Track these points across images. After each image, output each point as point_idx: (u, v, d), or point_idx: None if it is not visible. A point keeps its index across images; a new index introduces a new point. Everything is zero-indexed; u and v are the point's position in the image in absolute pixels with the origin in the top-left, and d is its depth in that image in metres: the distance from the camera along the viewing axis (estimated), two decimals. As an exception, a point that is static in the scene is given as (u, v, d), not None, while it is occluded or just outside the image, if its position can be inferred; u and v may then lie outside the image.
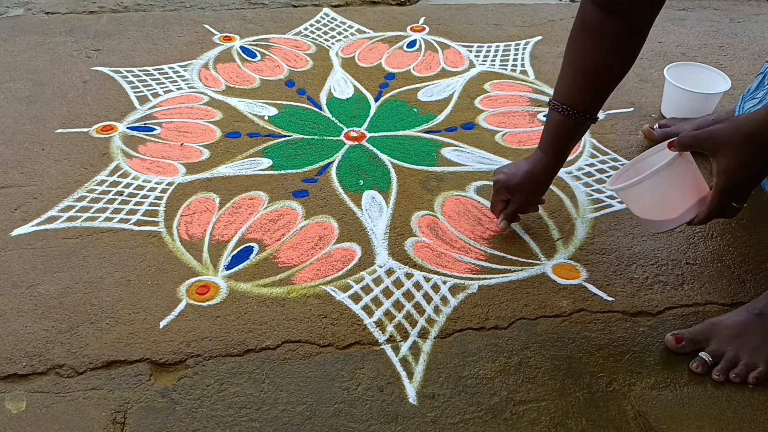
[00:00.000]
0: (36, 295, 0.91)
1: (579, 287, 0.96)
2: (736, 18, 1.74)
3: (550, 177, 1.00)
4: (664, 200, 0.83)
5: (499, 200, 1.02)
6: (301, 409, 0.79)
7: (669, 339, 0.86)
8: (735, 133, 0.74)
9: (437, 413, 0.79)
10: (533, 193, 1.01)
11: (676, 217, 0.83)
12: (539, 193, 1.02)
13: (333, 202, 1.09)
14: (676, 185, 0.81)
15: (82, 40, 1.53)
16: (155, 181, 1.12)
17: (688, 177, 0.82)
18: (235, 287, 0.94)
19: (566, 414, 0.79)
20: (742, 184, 0.76)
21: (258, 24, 1.64)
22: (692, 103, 1.29)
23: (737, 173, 0.75)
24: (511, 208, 1.01)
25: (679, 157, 0.80)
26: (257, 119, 1.29)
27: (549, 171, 0.99)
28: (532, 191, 1.00)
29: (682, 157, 0.81)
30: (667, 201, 0.82)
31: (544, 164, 0.98)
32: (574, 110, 0.92)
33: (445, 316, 0.91)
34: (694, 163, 0.82)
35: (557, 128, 0.95)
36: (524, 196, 1.00)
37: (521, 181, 0.99)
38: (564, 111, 0.93)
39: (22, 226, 1.02)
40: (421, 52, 1.54)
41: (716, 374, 0.83)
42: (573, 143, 0.98)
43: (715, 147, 0.76)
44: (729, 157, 0.75)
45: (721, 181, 0.76)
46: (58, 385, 0.80)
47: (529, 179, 0.98)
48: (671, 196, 0.82)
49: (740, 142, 0.74)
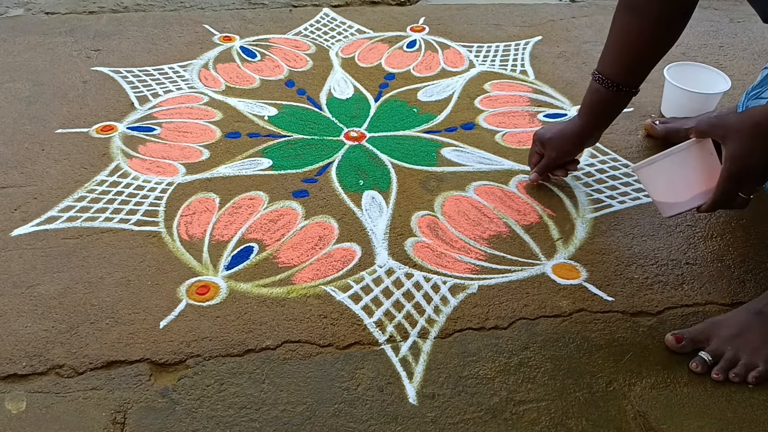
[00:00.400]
0: (36, 295, 0.91)
1: (579, 287, 0.96)
2: (736, 18, 1.74)
3: (582, 139, 1.06)
4: (676, 182, 0.86)
5: (534, 152, 1.11)
6: (301, 409, 0.79)
7: (669, 339, 0.86)
8: (745, 120, 0.76)
9: (437, 413, 0.79)
10: (563, 149, 1.07)
11: (684, 201, 0.85)
12: (569, 152, 1.08)
13: (333, 202, 1.09)
14: (690, 169, 0.84)
15: (82, 40, 1.53)
16: (155, 182, 1.12)
17: (702, 164, 0.83)
18: (235, 287, 0.94)
19: (566, 414, 0.79)
20: (749, 172, 0.77)
21: (258, 24, 1.64)
22: (692, 103, 1.28)
23: (743, 160, 0.76)
24: (543, 161, 1.09)
25: (696, 144, 0.83)
26: (257, 119, 1.29)
27: (580, 132, 1.04)
28: (562, 147, 1.07)
29: (700, 145, 0.83)
30: (679, 183, 0.85)
31: (577, 125, 1.04)
32: (610, 81, 0.97)
33: (445, 316, 0.91)
34: (714, 153, 0.83)
35: (592, 95, 1.01)
36: (554, 150, 1.07)
37: (553, 136, 1.06)
38: (600, 80, 0.98)
39: (22, 226, 1.03)
40: (421, 52, 1.54)
41: (715, 373, 0.83)
42: (610, 113, 1.03)
43: (724, 133, 0.77)
44: (736, 144, 0.76)
45: (727, 167, 0.78)
46: (58, 385, 0.80)
47: (560, 135, 1.06)
48: (683, 180, 0.85)
49: (748, 128, 0.75)
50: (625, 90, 0.98)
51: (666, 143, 1.20)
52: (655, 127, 1.25)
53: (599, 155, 1.23)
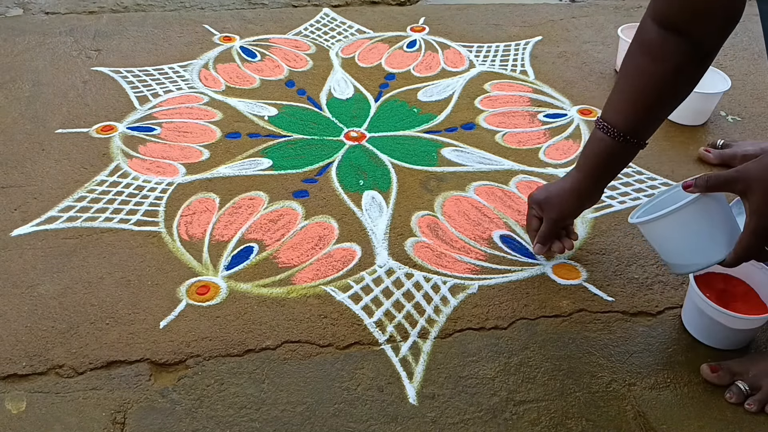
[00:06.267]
0: (36, 295, 0.91)
1: (579, 287, 0.96)
2: (736, 18, 1.74)
3: (580, 197, 0.93)
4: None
5: (531, 216, 0.99)
6: (301, 409, 0.79)
7: (704, 369, 0.83)
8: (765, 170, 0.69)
9: (437, 413, 0.79)
10: (563, 210, 0.94)
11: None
12: (568, 213, 0.95)
13: (333, 202, 1.09)
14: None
15: (82, 40, 1.53)
16: (155, 182, 1.12)
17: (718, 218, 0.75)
18: (235, 287, 0.94)
19: (566, 414, 0.79)
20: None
21: (258, 24, 1.64)
22: (692, 103, 1.28)
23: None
24: (544, 227, 0.96)
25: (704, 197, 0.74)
26: (257, 119, 1.29)
27: (578, 189, 0.92)
28: (562, 208, 0.94)
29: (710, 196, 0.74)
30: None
31: (576, 179, 0.92)
32: (617, 130, 0.85)
33: (445, 316, 0.91)
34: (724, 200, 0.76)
35: (593, 144, 0.88)
36: (554, 211, 0.94)
37: (550, 195, 0.94)
38: (605, 129, 0.86)
39: (22, 226, 1.02)
40: (421, 52, 1.54)
41: (749, 404, 0.79)
42: (613, 167, 0.91)
43: (745, 187, 0.70)
44: (761, 197, 0.69)
45: (753, 221, 0.70)
46: (58, 385, 0.80)
47: (558, 193, 0.93)
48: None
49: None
50: (632, 141, 0.86)
51: None
52: (709, 156, 1.20)
53: (599, 155, 1.22)
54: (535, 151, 1.24)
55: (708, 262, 0.77)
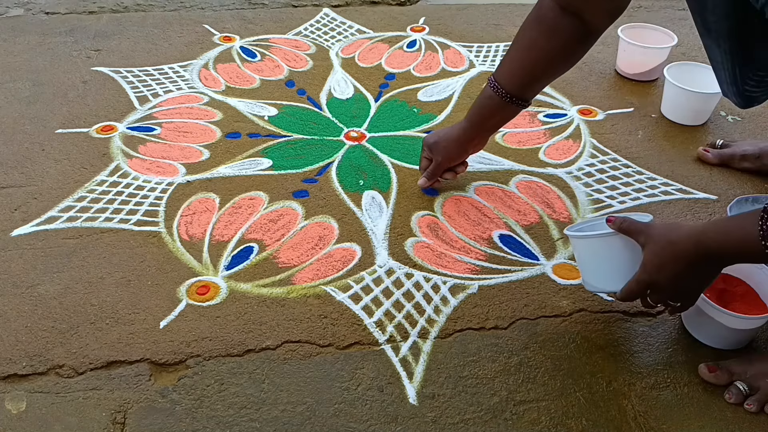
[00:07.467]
0: (36, 296, 0.91)
1: (579, 287, 0.96)
2: (736, 18, 1.74)
3: (465, 143, 1.06)
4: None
5: (423, 157, 1.10)
6: (301, 409, 0.79)
7: (702, 369, 0.83)
8: (663, 234, 0.75)
9: (437, 413, 0.79)
10: (448, 154, 1.06)
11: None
12: (455, 156, 1.07)
13: (333, 202, 1.09)
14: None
15: (82, 41, 1.53)
16: (155, 182, 1.12)
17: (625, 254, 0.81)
18: (235, 287, 0.94)
19: (566, 414, 0.79)
20: (658, 285, 0.77)
21: (258, 24, 1.64)
22: (692, 103, 1.29)
23: (652, 275, 0.76)
24: (431, 166, 1.08)
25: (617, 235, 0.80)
26: (257, 119, 1.29)
27: (463, 136, 1.04)
28: (448, 152, 1.06)
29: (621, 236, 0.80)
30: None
31: (462, 129, 1.04)
32: (505, 91, 0.97)
33: (445, 316, 0.91)
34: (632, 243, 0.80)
35: (484, 100, 1.01)
36: (440, 154, 1.06)
37: (438, 140, 1.07)
38: (496, 89, 0.98)
39: (22, 227, 1.02)
40: (421, 52, 1.54)
41: (748, 404, 0.80)
42: (497, 122, 1.04)
43: (645, 242, 0.77)
44: (650, 255, 0.76)
45: (639, 272, 0.78)
46: (58, 385, 0.80)
47: (446, 139, 1.06)
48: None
49: (663, 244, 0.75)
50: (518, 102, 0.98)
51: None
52: (708, 155, 1.20)
53: (599, 155, 1.23)
54: (535, 150, 1.24)
55: (604, 288, 0.86)
